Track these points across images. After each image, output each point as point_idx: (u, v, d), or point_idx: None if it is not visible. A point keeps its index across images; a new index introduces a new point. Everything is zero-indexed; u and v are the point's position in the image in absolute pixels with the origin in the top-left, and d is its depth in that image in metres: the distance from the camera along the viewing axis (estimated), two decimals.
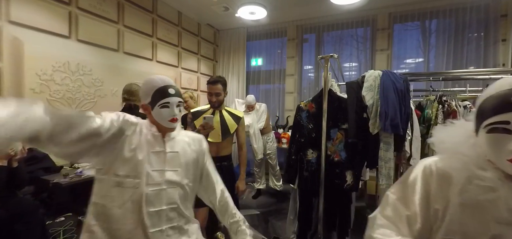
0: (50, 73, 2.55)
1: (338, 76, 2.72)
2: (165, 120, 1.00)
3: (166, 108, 1.00)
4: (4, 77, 2.26)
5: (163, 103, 0.99)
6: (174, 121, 1.01)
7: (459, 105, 2.29)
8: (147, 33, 3.69)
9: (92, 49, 2.95)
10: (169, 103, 1.00)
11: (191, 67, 4.61)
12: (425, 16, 3.87)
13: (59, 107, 2.62)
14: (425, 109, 2.41)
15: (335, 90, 2.17)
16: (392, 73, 2.00)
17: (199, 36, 4.79)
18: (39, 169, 2.31)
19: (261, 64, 5.13)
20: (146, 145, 0.98)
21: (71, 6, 2.74)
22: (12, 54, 2.31)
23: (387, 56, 4.09)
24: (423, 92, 3.14)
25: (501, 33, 3.39)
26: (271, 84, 4.99)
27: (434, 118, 2.31)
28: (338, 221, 2.06)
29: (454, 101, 2.33)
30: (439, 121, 2.29)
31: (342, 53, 4.39)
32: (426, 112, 2.38)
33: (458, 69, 3.47)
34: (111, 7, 3.15)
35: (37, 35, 2.46)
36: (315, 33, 4.63)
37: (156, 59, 3.86)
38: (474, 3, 3.57)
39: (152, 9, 3.75)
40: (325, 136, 1.94)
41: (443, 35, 3.76)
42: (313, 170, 2.02)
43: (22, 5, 2.36)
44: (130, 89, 2.23)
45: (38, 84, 2.46)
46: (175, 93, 1.03)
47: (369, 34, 4.27)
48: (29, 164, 2.21)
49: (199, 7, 4.15)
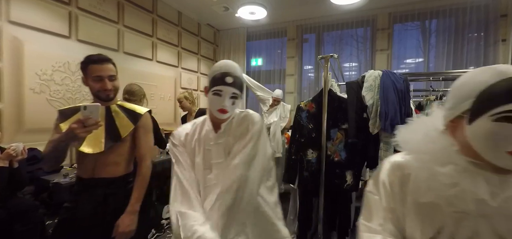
0: (50, 73, 2.55)
1: (338, 76, 2.72)
2: (214, 108, 0.96)
3: (218, 96, 0.95)
4: (4, 77, 2.26)
5: (215, 90, 0.95)
6: (222, 112, 0.95)
7: None
8: (147, 33, 3.69)
9: (92, 49, 2.95)
10: (222, 92, 0.94)
11: (191, 67, 4.61)
12: (425, 16, 3.87)
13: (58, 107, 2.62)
14: (425, 109, 2.41)
15: (335, 90, 2.17)
16: (392, 73, 2.00)
17: (199, 36, 4.79)
18: (39, 169, 2.31)
19: (261, 64, 5.13)
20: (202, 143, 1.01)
21: (71, 6, 2.73)
22: (12, 54, 2.31)
23: (387, 56, 4.09)
24: (423, 92, 3.14)
25: (501, 33, 3.39)
26: (271, 84, 4.99)
27: None
28: (338, 221, 2.06)
29: None
30: None
31: (342, 53, 4.39)
32: (426, 112, 2.38)
33: (458, 69, 3.46)
34: (111, 7, 3.15)
35: (37, 35, 2.46)
36: (315, 33, 4.63)
37: (156, 59, 3.86)
38: (474, 3, 3.57)
39: (152, 9, 3.75)
40: (325, 136, 1.94)
41: (443, 35, 3.77)
42: (313, 170, 2.02)
43: (22, 5, 2.36)
44: (130, 89, 2.23)
45: (38, 84, 2.46)
46: (232, 82, 0.95)
47: (369, 34, 4.27)
48: (29, 164, 2.21)
49: (199, 7, 4.15)
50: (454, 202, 0.56)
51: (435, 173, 0.57)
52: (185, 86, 4.39)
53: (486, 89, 0.54)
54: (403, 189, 0.64)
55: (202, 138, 1.02)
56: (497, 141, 0.52)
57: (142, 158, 1.34)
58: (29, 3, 2.40)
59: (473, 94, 0.55)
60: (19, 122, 2.37)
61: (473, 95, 0.55)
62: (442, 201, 0.57)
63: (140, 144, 1.34)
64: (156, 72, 3.84)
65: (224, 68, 0.96)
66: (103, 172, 1.26)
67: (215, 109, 0.95)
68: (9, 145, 1.81)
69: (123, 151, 1.31)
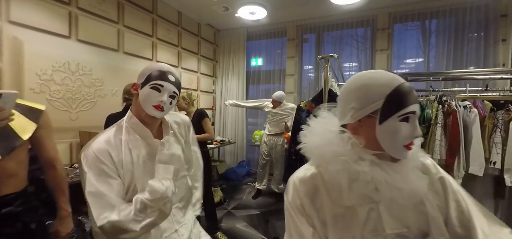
0: (50, 73, 2.55)
1: (338, 76, 2.72)
2: (148, 104, 0.90)
3: (156, 91, 0.90)
4: (4, 77, 2.26)
5: (154, 84, 0.90)
6: (158, 108, 0.90)
7: (459, 105, 2.28)
8: (147, 33, 3.69)
9: (92, 49, 2.95)
10: (163, 87, 0.91)
11: (191, 67, 4.61)
12: (425, 16, 3.87)
13: (58, 107, 2.62)
14: (425, 109, 2.41)
15: (335, 90, 2.17)
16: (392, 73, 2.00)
17: (199, 36, 4.79)
18: (39, 169, 2.30)
19: (261, 64, 5.13)
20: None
21: (71, 6, 2.74)
22: (12, 54, 2.31)
23: (387, 56, 4.09)
24: (423, 92, 3.13)
25: (501, 33, 3.39)
26: (271, 84, 4.99)
27: (434, 118, 2.31)
28: None
29: (454, 101, 2.33)
30: (439, 121, 2.29)
31: (342, 53, 4.38)
32: (426, 112, 2.38)
33: (458, 69, 3.46)
34: (111, 7, 3.15)
35: (37, 35, 2.46)
36: (315, 33, 4.63)
37: (156, 59, 3.86)
38: (474, 3, 3.57)
39: (152, 9, 3.75)
40: None
41: (443, 35, 3.76)
42: None
43: (22, 5, 2.36)
44: (130, 89, 2.23)
45: (38, 84, 2.47)
46: (174, 81, 0.94)
47: (369, 34, 4.27)
48: (29, 164, 2.20)
49: (199, 7, 4.15)
50: (371, 195, 0.62)
51: (353, 172, 0.62)
52: (185, 86, 4.40)
53: (392, 92, 0.61)
54: (314, 203, 0.65)
55: (138, 152, 0.92)
56: (399, 137, 0.61)
57: (52, 161, 1.19)
58: (29, 3, 2.40)
59: (381, 96, 0.62)
60: None
61: (382, 97, 0.62)
62: (358, 201, 0.63)
63: (46, 146, 1.15)
64: None
65: (165, 67, 0.95)
66: (3, 188, 1.00)
67: (150, 105, 0.89)
68: None
69: (22, 158, 1.10)
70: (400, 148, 0.62)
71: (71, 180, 2.16)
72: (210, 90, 5.18)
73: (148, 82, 0.91)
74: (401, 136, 0.61)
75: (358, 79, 0.67)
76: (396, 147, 0.62)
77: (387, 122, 0.61)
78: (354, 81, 0.67)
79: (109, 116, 2.08)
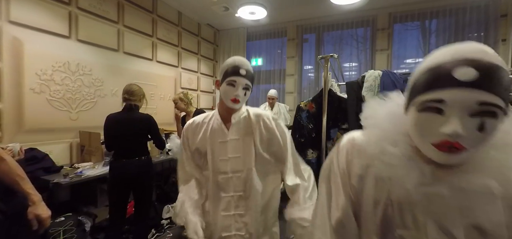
0: (50, 73, 2.55)
1: (338, 76, 2.72)
2: (227, 98, 1.04)
3: (231, 86, 1.03)
4: (4, 77, 2.26)
5: (229, 81, 1.03)
6: (235, 101, 1.03)
7: None
8: (147, 33, 3.69)
9: (92, 49, 2.95)
10: (236, 82, 1.02)
11: (191, 67, 4.61)
12: (425, 16, 3.87)
13: (58, 107, 2.62)
14: None
15: (335, 90, 2.17)
16: (392, 73, 2.00)
17: (199, 36, 4.79)
18: (39, 169, 2.30)
19: (261, 64, 5.13)
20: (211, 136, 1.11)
21: (71, 6, 2.74)
22: (12, 54, 2.31)
23: (387, 56, 4.09)
24: None
25: (501, 33, 3.40)
26: (271, 84, 4.99)
27: None
28: None
29: None
30: None
31: (342, 53, 4.39)
32: None
33: None
34: (111, 7, 3.15)
35: (37, 35, 2.46)
36: (315, 33, 4.63)
37: (156, 59, 3.86)
38: (474, 3, 3.57)
39: (152, 9, 3.75)
40: (325, 136, 1.94)
41: (443, 35, 3.77)
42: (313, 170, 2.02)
43: (22, 5, 2.36)
44: (130, 89, 2.22)
45: (38, 84, 2.46)
46: (245, 74, 1.03)
47: (369, 34, 4.27)
48: (29, 164, 2.21)
49: (199, 7, 4.15)
50: (387, 184, 0.57)
51: (384, 150, 0.57)
52: (185, 86, 4.40)
53: (416, 77, 0.53)
54: (359, 164, 0.64)
55: (213, 130, 1.11)
56: (422, 131, 0.50)
57: None
58: (29, 3, 2.40)
59: (410, 83, 0.55)
60: (19, 122, 2.37)
61: (410, 82, 0.55)
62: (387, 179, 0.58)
63: None
64: (156, 72, 3.84)
65: (237, 62, 1.05)
66: None
67: (229, 98, 1.04)
68: (6, 146, 1.81)
69: None
70: (428, 146, 0.50)
71: (71, 180, 2.17)
72: (210, 90, 5.18)
73: (225, 79, 1.04)
74: (423, 130, 0.50)
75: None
76: (422, 145, 0.51)
77: (409, 111, 0.53)
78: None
79: (109, 116, 2.08)
